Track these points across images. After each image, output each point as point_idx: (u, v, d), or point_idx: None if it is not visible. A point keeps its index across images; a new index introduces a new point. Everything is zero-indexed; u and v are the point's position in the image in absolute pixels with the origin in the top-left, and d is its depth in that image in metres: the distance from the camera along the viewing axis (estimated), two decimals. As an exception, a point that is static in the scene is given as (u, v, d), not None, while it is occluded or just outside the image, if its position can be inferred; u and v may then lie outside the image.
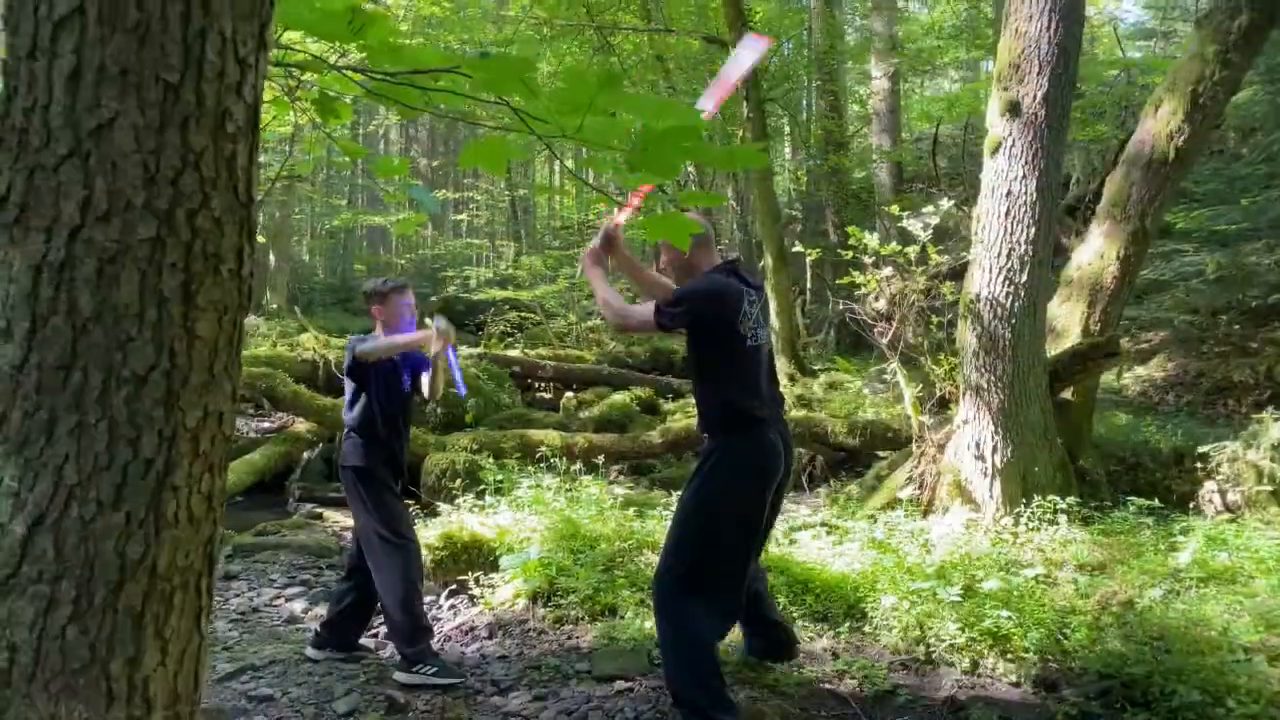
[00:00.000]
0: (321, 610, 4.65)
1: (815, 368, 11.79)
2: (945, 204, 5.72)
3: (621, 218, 3.36)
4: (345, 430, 3.95)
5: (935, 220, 5.54)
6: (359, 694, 3.60)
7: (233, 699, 3.61)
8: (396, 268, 22.16)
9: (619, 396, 10.02)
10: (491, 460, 6.60)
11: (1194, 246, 8.71)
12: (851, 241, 5.79)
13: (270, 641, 4.36)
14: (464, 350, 10.31)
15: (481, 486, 5.86)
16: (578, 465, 6.00)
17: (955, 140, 17.11)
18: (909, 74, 17.98)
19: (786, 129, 20.20)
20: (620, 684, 3.55)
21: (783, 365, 10.70)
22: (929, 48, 16.93)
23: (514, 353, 11.68)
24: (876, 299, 5.95)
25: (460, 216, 22.07)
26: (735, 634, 3.65)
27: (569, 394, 10.87)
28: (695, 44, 14.36)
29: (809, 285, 16.73)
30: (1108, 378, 7.57)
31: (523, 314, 15.29)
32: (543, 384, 11.52)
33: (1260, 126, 11.26)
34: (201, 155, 1.18)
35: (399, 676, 3.71)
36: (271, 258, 20.17)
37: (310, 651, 4.04)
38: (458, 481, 6.83)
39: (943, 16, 17.79)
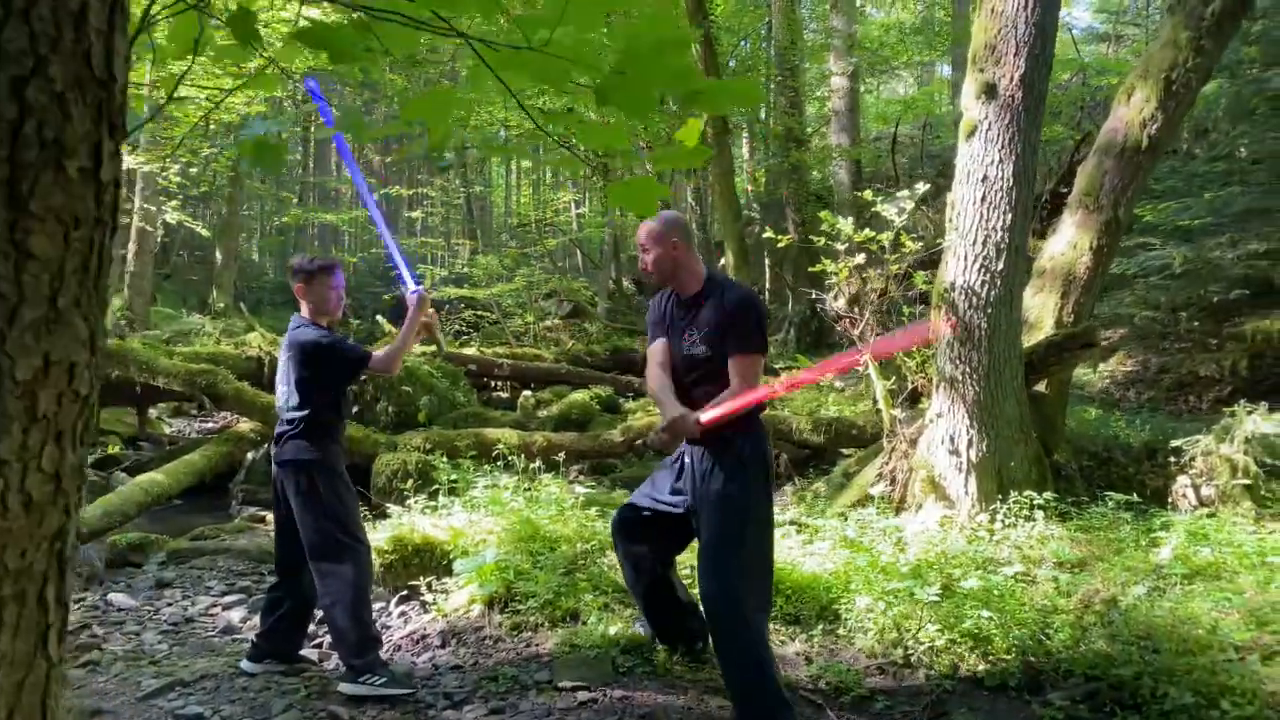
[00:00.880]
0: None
1: (776, 367, 11.66)
2: (921, 187, 5.54)
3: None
4: (294, 423, 3.59)
5: (911, 205, 5.36)
6: (299, 710, 3.35)
7: (158, 718, 3.32)
8: (349, 267, 21.73)
9: (579, 395, 9.78)
10: (445, 460, 6.28)
11: (1159, 240, 8.71)
12: (824, 227, 5.59)
13: (203, 654, 4.09)
14: (417, 349, 9.97)
15: (435, 487, 5.54)
16: (537, 464, 5.72)
17: (913, 140, 17.22)
18: (866, 75, 18.06)
19: (745, 129, 20.14)
20: (583, 694, 3.34)
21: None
22: (890, 43, 17.02)
23: (470, 351, 11.37)
24: (836, 298, 5.77)
25: (414, 214, 21.65)
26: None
27: (526, 393, 10.60)
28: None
29: (768, 285, 16.67)
30: (1074, 372, 7.49)
31: (479, 313, 15.01)
32: (500, 383, 11.26)
33: (1214, 128, 11.38)
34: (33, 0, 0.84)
35: (344, 688, 3.44)
36: (218, 255, 19.59)
37: (246, 665, 3.75)
38: (409, 482, 6.53)
39: (903, 17, 17.92)
